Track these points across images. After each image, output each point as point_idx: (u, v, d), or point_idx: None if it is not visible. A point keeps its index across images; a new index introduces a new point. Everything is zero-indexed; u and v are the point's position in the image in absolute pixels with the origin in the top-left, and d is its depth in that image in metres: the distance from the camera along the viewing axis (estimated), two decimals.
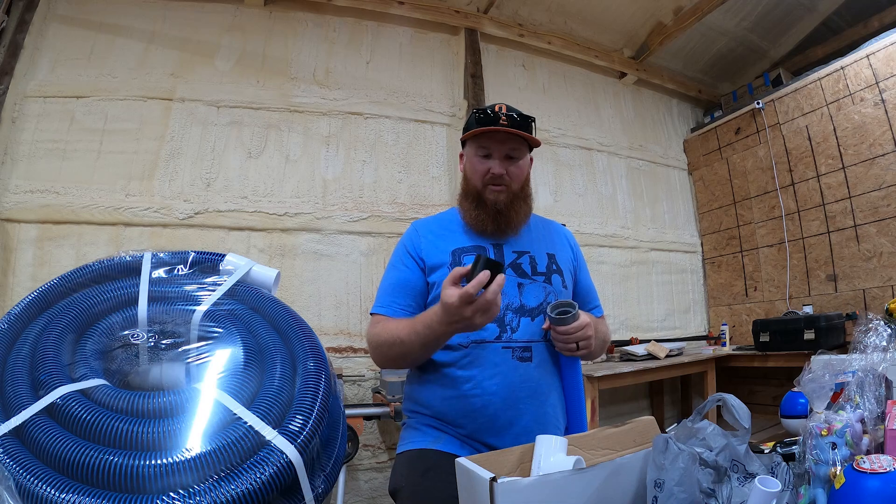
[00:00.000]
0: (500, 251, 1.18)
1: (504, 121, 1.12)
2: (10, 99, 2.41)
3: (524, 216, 1.22)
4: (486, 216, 1.17)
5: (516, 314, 1.12)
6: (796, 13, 3.65)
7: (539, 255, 1.21)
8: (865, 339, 0.94)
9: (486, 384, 1.07)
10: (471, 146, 1.20)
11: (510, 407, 1.05)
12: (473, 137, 1.17)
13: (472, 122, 1.17)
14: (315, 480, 0.77)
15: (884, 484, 0.63)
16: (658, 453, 0.71)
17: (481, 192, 1.18)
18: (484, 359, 1.08)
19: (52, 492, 0.60)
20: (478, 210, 1.17)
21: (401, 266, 1.19)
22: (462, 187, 1.24)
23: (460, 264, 1.13)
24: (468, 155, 1.22)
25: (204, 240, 2.56)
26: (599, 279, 3.51)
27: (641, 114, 4.06)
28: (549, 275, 1.19)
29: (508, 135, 1.14)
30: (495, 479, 0.63)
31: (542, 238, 1.26)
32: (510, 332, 1.11)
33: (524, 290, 1.15)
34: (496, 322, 1.10)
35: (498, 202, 1.16)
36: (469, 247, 1.17)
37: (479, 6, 3.33)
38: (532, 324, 1.13)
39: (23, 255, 2.31)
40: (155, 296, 0.92)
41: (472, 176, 1.20)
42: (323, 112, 2.92)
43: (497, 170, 1.15)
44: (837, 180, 3.13)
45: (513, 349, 1.10)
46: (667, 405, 3.69)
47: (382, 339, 1.09)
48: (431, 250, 1.18)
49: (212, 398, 0.74)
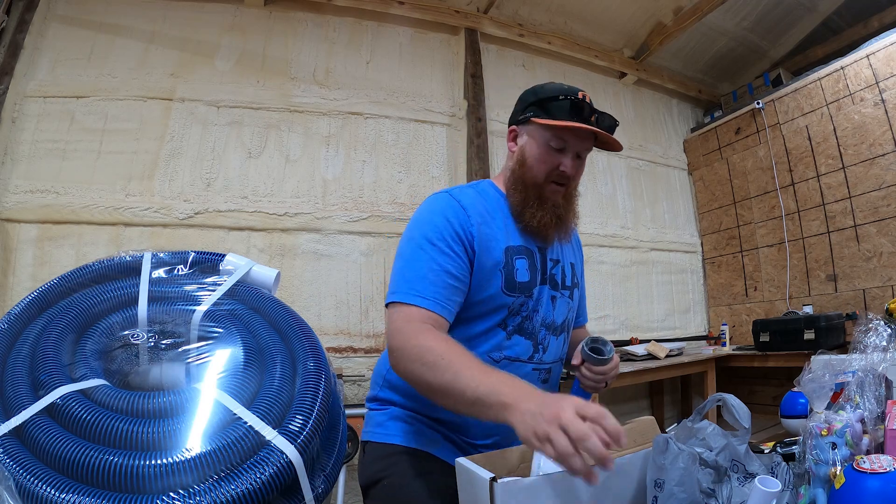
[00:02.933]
0: (544, 258, 1.04)
1: (594, 119, 1.00)
2: (10, 99, 2.41)
3: (575, 222, 1.11)
4: (550, 219, 1.01)
5: (548, 332, 1.02)
6: (796, 13, 3.65)
7: (567, 266, 1.10)
8: (865, 339, 0.94)
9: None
10: (542, 132, 1.00)
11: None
12: (556, 126, 0.99)
13: (558, 110, 0.98)
14: (315, 480, 0.77)
15: (884, 484, 0.63)
16: (658, 453, 0.71)
17: (542, 187, 1.02)
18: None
19: (52, 492, 0.60)
20: (541, 211, 1.01)
21: (447, 250, 0.93)
22: (516, 173, 1.04)
23: (513, 269, 0.97)
24: (536, 140, 1.01)
25: (204, 240, 2.56)
26: (599, 279, 3.51)
27: (641, 114, 4.06)
28: (572, 289, 1.09)
29: (591, 133, 1.01)
30: (495, 479, 0.63)
31: (566, 245, 1.13)
32: (542, 353, 1.01)
33: (556, 304, 1.04)
34: (532, 340, 0.99)
35: (557, 204, 1.03)
36: (521, 247, 1.01)
37: (479, 6, 3.33)
38: (556, 342, 1.04)
39: (23, 255, 2.31)
40: (155, 296, 0.92)
41: (535, 165, 1.01)
42: (323, 112, 2.92)
43: (569, 169, 1.01)
44: (837, 180, 3.13)
45: (540, 371, 1.00)
46: (667, 405, 3.69)
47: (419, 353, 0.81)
48: (484, 240, 0.96)
49: (212, 398, 0.74)
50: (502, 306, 0.97)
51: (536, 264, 1.02)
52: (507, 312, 0.97)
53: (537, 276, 1.01)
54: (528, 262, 1.00)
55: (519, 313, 0.98)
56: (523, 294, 0.98)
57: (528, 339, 0.99)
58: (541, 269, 1.02)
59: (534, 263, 1.01)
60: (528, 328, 0.99)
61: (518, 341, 0.98)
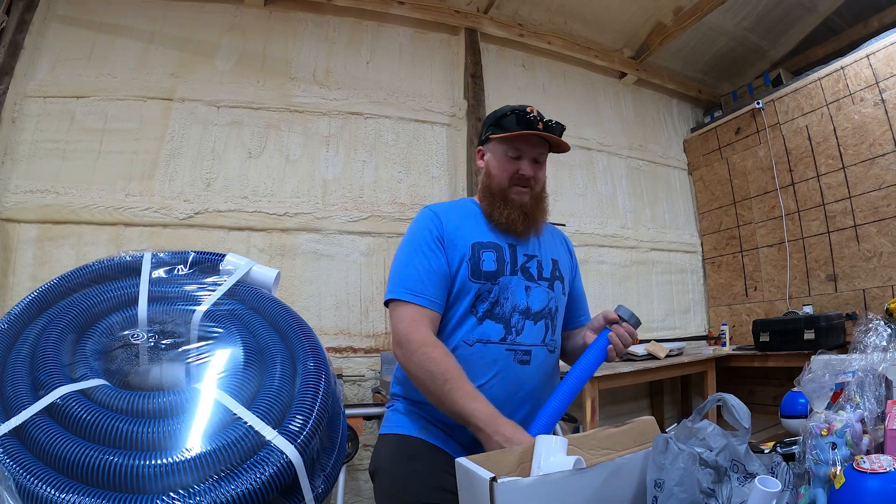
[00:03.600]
0: (515, 253, 1.18)
1: (541, 126, 1.14)
2: (10, 99, 2.41)
3: (545, 216, 1.25)
4: (517, 216, 1.17)
5: (522, 316, 1.13)
6: (796, 13, 3.65)
7: (546, 261, 1.23)
8: (865, 339, 0.94)
9: (486, 385, 1.07)
10: (499, 145, 1.19)
11: (504, 407, 1.03)
12: (505, 137, 1.16)
13: (509, 123, 1.16)
14: (315, 480, 0.77)
15: (884, 484, 0.63)
16: (658, 453, 0.71)
17: (507, 191, 1.18)
18: (486, 358, 1.09)
19: (52, 492, 0.60)
20: (507, 209, 1.17)
21: (429, 252, 1.13)
22: (484, 183, 1.23)
23: (479, 260, 1.13)
24: (496, 153, 1.20)
25: (204, 240, 2.56)
26: (599, 279, 3.51)
27: (641, 114, 4.06)
28: (552, 280, 1.21)
29: (541, 139, 1.17)
30: (495, 479, 0.63)
31: (548, 243, 1.27)
32: (515, 335, 1.12)
33: (531, 293, 1.16)
34: (503, 323, 1.11)
35: (524, 203, 1.18)
36: (489, 243, 1.17)
37: (479, 6, 3.33)
38: (535, 328, 1.14)
39: (23, 255, 2.31)
40: (155, 296, 0.92)
41: (498, 174, 1.19)
42: (323, 112, 2.92)
43: (527, 172, 1.17)
44: (837, 180, 3.13)
45: (515, 352, 1.11)
46: (667, 405, 3.69)
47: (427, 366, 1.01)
48: (452, 239, 1.16)
49: (212, 398, 0.74)
50: (469, 291, 1.11)
51: (505, 257, 1.16)
52: (475, 297, 1.11)
53: (505, 268, 1.15)
54: (495, 255, 1.15)
55: (486, 299, 1.12)
56: (489, 282, 1.12)
57: (498, 322, 1.11)
58: (510, 262, 1.16)
59: (502, 256, 1.16)
60: (499, 313, 1.12)
61: (489, 325, 1.11)
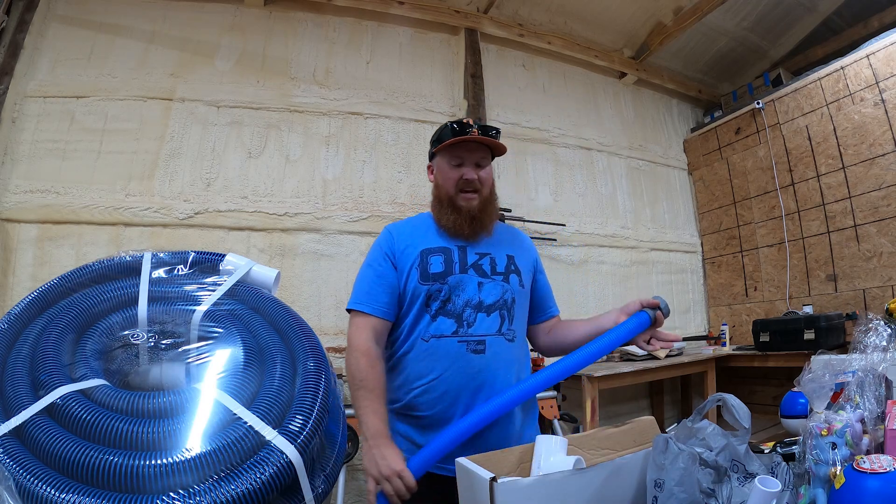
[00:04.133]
0: (465, 253, 1.28)
1: (475, 132, 1.24)
2: (10, 99, 2.41)
3: (494, 218, 1.34)
4: (463, 221, 1.27)
5: (474, 310, 1.22)
6: (796, 13, 3.65)
7: (499, 257, 1.31)
8: (865, 339, 0.94)
9: (443, 375, 1.18)
10: (442, 157, 1.30)
11: (465, 394, 1.17)
12: (445, 149, 1.27)
13: (445, 134, 1.27)
14: (315, 480, 0.77)
15: (884, 484, 0.63)
16: (658, 453, 0.71)
17: (454, 199, 1.27)
18: (442, 352, 1.19)
19: (52, 492, 0.59)
20: (454, 215, 1.27)
21: (378, 267, 1.28)
22: (434, 194, 1.34)
23: (427, 264, 1.24)
24: (439, 165, 1.31)
25: (204, 240, 2.56)
26: (599, 279, 3.51)
27: (641, 114, 4.06)
28: (507, 274, 1.29)
29: (479, 144, 1.26)
30: (495, 479, 0.63)
31: (503, 241, 1.36)
32: (466, 328, 1.21)
33: (483, 287, 1.25)
34: (454, 318, 1.21)
35: (472, 208, 1.27)
36: (436, 248, 1.28)
37: (479, 6, 3.33)
38: (488, 319, 1.23)
39: (23, 255, 2.31)
40: (155, 296, 0.92)
41: (444, 183, 1.29)
42: (323, 112, 2.92)
43: (470, 175, 1.26)
44: (837, 180, 3.13)
45: (468, 342, 1.20)
46: (667, 405, 3.69)
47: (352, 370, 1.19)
48: (404, 251, 1.28)
49: (212, 398, 0.74)
50: (420, 293, 1.22)
51: (454, 258, 1.26)
52: (427, 297, 1.22)
53: (454, 267, 1.25)
54: (443, 258, 1.26)
55: (438, 298, 1.21)
56: (437, 282, 1.22)
57: (450, 317, 1.21)
58: (459, 262, 1.26)
59: (450, 258, 1.26)
60: (451, 309, 1.21)
61: (442, 321, 1.21)
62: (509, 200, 3.24)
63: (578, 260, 3.45)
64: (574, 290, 3.38)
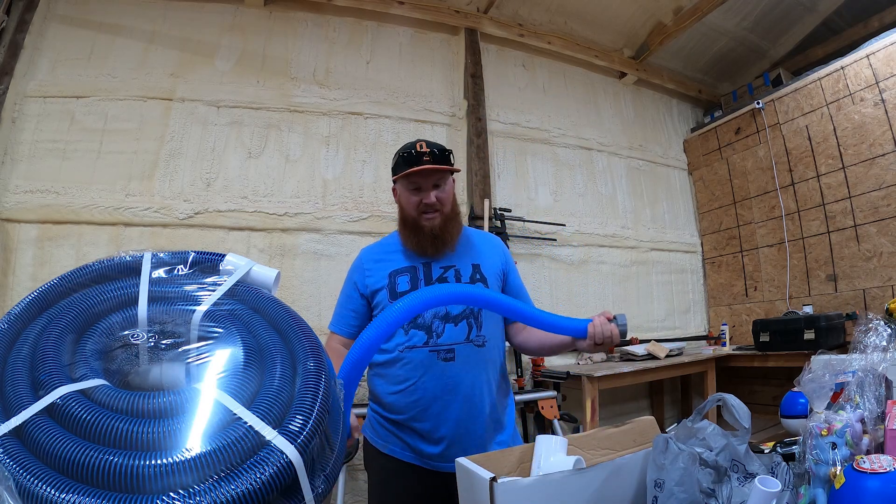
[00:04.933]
0: (430, 268, 1.36)
1: (427, 158, 1.30)
2: (10, 99, 2.41)
3: (457, 232, 1.40)
4: (426, 241, 1.35)
5: (442, 321, 1.31)
6: (796, 13, 3.65)
7: (464, 267, 1.38)
8: (865, 339, 0.94)
9: (418, 382, 1.29)
10: (401, 183, 1.37)
11: (439, 398, 1.27)
12: (403, 176, 1.33)
13: (400, 164, 1.34)
14: (315, 480, 0.77)
15: (884, 484, 0.63)
16: (658, 453, 0.71)
17: (417, 220, 1.35)
18: (415, 361, 1.30)
19: (52, 492, 0.59)
20: (417, 237, 1.35)
21: (348, 291, 1.44)
22: (399, 216, 1.42)
23: (395, 284, 1.35)
24: (400, 190, 1.39)
25: (204, 240, 2.56)
26: (599, 279, 3.51)
27: (641, 114, 4.06)
28: (472, 283, 1.37)
29: (433, 170, 1.32)
30: (495, 479, 0.63)
31: (469, 251, 1.43)
32: (436, 338, 1.30)
33: None
34: (424, 329, 1.31)
35: (434, 228, 1.34)
36: (403, 268, 1.37)
37: (479, 6, 3.33)
38: (455, 329, 1.31)
39: (23, 255, 2.31)
40: (155, 296, 0.92)
41: (406, 207, 1.37)
42: (323, 112, 2.92)
43: (429, 200, 1.32)
44: (837, 180, 3.13)
45: (438, 352, 1.30)
46: (667, 405, 3.69)
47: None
48: (372, 277, 1.39)
49: (212, 398, 0.74)
50: None
51: (419, 276, 1.35)
52: None
53: (420, 284, 1.34)
54: (409, 276, 1.35)
55: None
56: None
57: (420, 329, 1.30)
58: (424, 278, 1.35)
59: (416, 276, 1.35)
60: (421, 322, 1.31)
61: (414, 333, 1.31)
62: (509, 200, 3.24)
63: (578, 260, 3.45)
64: (574, 291, 3.38)
